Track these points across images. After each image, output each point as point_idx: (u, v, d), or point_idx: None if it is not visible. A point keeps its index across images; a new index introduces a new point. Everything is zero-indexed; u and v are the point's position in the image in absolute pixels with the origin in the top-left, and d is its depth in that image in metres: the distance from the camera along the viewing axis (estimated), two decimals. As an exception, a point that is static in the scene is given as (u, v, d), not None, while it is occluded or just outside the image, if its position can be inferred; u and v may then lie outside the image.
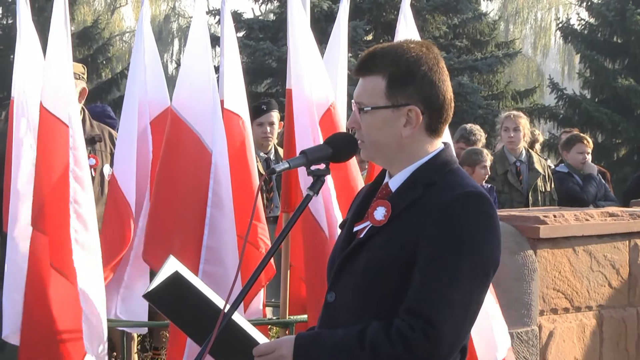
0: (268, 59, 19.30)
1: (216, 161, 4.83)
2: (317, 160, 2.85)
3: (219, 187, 4.81)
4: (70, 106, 4.83)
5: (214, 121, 4.87)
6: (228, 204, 4.82)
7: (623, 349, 5.92)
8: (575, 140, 8.86)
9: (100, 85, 21.91)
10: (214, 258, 4.75)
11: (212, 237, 4.77)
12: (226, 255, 4.76)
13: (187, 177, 4.90)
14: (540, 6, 41.67)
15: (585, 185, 8.58)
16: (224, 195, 4.81)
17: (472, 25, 21.85)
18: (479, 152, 8.06)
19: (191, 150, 4.91)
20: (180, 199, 4.89)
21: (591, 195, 8.53)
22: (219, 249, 4.76)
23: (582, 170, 8.70)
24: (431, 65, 2.83)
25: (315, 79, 4.92)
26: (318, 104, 4.90)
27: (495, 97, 21.71)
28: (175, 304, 2.95)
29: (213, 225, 4.78)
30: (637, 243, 5.95)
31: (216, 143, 4.87)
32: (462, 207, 2.72)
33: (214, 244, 4.76)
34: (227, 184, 4.85)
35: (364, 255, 2.79)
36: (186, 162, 4.92)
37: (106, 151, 6.24)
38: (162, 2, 40.99)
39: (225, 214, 4.80)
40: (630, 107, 20.92)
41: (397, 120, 2.82)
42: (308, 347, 2.76)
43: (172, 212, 4.89)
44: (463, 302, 2.68)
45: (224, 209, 4.80)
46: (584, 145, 8.75)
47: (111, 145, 6.28)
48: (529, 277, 5.36)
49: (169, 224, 4.88)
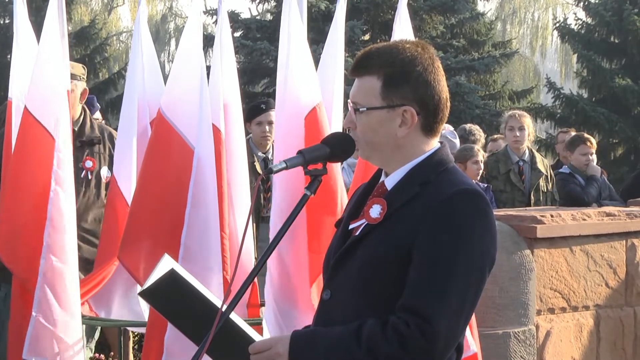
0: (265, 58, 19.30)
1: (198, 160, 4.80)
2: (314, 160, 2.85)
3: (198, 186, 4.78)
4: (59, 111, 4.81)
5: (199, 121, 4.84)
6: (208, 203, 4.78)
7: (620, 349, 5.93)
8: (579, 142, 8.83)
9: (98, 85, 21.89)
10: (191, 257, 4.73)
11: (190, 236, 4.75)
12: (204, 255, 4.72)
13: (168, 177, 4.89)
14: (537, 6, 41.67)
15: (587, 187, 8.57)
16: (203, 195, 4.77)
17: (469, 25, 21.88)
18: (469, 148, 8.10)
19: (175, 152, 4.89)
20: (159, 199, 4.87)
21: (592, 197, 8.52)
22: (196, 248, 4.74)
23: (585, 172, 8.68)
24: (426, 65, 2.84)
25: (301, 79, 4.93)
26: (304, 104, 4.91)
27: (492, 97, 21.73)
28: (171, 301, 2.96)
29: (191, 225, 4.76)
30: (634, 243, 5.96)
31: (200, 142, 4.85)
32: (458, 205, 2.73)
33: (191, 243, 4.74)
34: (208, 183, 4.80)
35: (359, 253, 2.80)
36: (170, 163, 4.91)
37: (105, 153, 6.23)
38: (159, 2, 40.99)
39: (204, 214, 4.77)
40: (627, 107, 20.95)
41: (392, 121, 2.82)
42: (304, 344, 2.76)
43: (151, 213, 4.88)
44: (459, 298, 2.69)
45: (202, 209, 4.77)
46: (588, 146, 8.72)
47: (110, 146, 6.27)
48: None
49: (146, 225, 4.87)
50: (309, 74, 4.96)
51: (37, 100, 4.87)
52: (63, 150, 4.83)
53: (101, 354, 6.40)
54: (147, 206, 4.89)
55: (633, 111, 21.19)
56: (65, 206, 4.80)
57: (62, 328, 4.75)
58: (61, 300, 4.76)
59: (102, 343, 6.65)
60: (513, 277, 5.32)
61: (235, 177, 5.09)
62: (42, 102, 4.86)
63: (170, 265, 2.92)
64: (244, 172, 5.20)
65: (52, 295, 4.74)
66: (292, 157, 2.83)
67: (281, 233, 2.85)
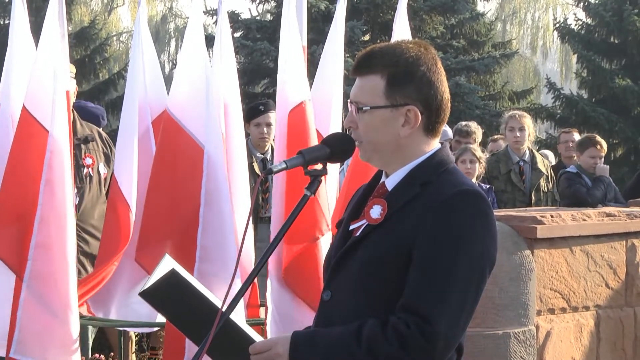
0: (265, 59, 19.28)
1: (208, 159, 4.82)
2: (314, 160, 2.84)
3: (210, 184, 4.80)
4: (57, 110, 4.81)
5: (207, 120, 4.86)
6: (221, 202, 4.80)
7: (620, 349, 5.93)
8: (589, 144, 8.77)
9: (98, 86, 21.88)
10: (208, 256, 4.75)
11: (206, 236, 4.77)
12: (221, 254, 4.75)
13: (181, 178, 4.90)
14: (537, 6, 41.67)
15: (593, 188, 8.53)
16: (216, 193, 4.80)
17: (469, 25, 21.87)
18: (463, 148, 8.04)
19: (185, 151, 4.91)
20: (173, 200, 4.89)
21: (597, 198, 8.47)
22: (213, 247, 4.76)
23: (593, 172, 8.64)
24: (430, 66, 2.84)
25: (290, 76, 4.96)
26: (291, 100, 4.94)
27: (492, 97, 21.72)
28: (172, 301, 2.96)
29: (206, 224, 4.78)
30: (634, 243, 5.95)
31: (209, 141, 4.86)
32: (458, 205, 2.73)
33: (207, 242, 4.77)
34: (220, 181, 4.83)
35: (359, 253, 2.80)
36: (180, 163, 4.92)
37: (99, 150, 6.25)
38: (159, 3, 41.00)
39: (218, 211, 4.79)
40: (627, 107, 20.94)
41: (395, 120, 2.82)
42: (304, 344, 2.76)
43: (165, 214, 4.89)
44: (459, 299, 2.69)
45: (215, 206, 4.79)
46: (597, 150, 8.65)
47: (102, 144, 6.29)
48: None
49: (162, 226, 4.89)
50: (298, 72, 4.99)
51: (35, 100, 4.87)
52: (62, 149, 4.81)
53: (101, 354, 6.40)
54: (160, 207, 4.91)
55: (633, 111, 21.18)
56: (58, 204, 4.76)
57: (50, 329, 4.72)
58: (50, 301, 4.72)
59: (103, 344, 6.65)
60: (513, 277, 5.32)
61: (235, 178, 5.10)
62: (41, 101, 4.85)
63: (170, 266, 2.92)
64: (244, 173, 5.21)
65: (40, 294, 4.71)
66: (292, 157, 2.83)
67: (281, 233, 2.86)
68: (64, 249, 4.74)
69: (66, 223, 4.76)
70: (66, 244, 4.75)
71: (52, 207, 4.73)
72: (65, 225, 4.75)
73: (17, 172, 4.85)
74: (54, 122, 4.78)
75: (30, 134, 4.84)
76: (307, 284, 4.88)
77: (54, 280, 4.72)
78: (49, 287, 4.71)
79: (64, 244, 4.75)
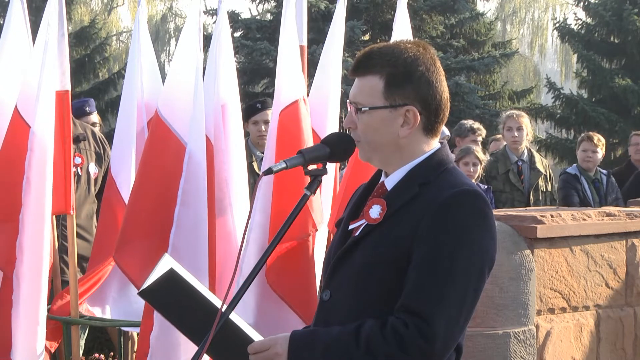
0: (265, 59, 19.29)
1: (189, 159, 4.79)
2: (314, 160, 2.84)
3: (188, 184, 4.77)
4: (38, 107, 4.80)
5: (191, 120, 4.83)
6: (198, 202, 4.76)
7: (620, 349, 5.92)
8: (583, 138, 8.76)
9: (97, 85, 21.88)
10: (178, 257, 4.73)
11: (178, 236, 4.74)
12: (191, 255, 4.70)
13: (166, 178, 4.88)
14: (537, 6, 41.68)
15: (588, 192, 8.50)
16: (194, 193, 4.76)
17: (469, 25, 21.86)
18: (466, 148, 8.02)
19: (172, 152, 4.89)
20: (155, 200, 4.86)
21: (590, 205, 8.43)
22: (184, 247, 4.72)
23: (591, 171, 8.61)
24: (428, 66, 2.84)
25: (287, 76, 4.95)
26: (283, 99, 4.93)
27: (492, 97, 21.72)
28: (170, 301, 2.95)
29: (179, 224, 4.75)
30: (634, 243, 5.95)
31: (191, 139, 4.83)
32: (457, 205, 2.73)
33: (179, 242, 4.73)
34: (199, 182, 4.78)
35: (359, 253, 2.79)
36: (167, 163, 4.90)
37: (90, 150, 6.23)
38: (159, 2, 40.99)
39: (194, 212, 4.75)
40: (627, 107, 20.94)
41: (394, 120, 2.82)
42: (303, 344, 2.76)
43: (146, 214, 4.87)
44: (458, 299, 2.68)
45: (191, 207, 4.75)
46: (590, 144, 8.59)
47: (95, 143, 6.27)
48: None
49: (141, 225, 4.86)
50: (294, 70, 4.98)
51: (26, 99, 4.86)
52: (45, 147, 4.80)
53: (101, 354, 6.40)
54: (142, 206, 4.88)
55: (633, 111, 21.18)
56: (35, 202, 4.75)
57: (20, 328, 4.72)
58: (21, 300, 4.72)
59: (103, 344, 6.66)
60: (513, 277, 5.31)
61: (234, 177, 5.09)
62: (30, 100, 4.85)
63: (169, 265, 2.92)
64: (243, 172, 5.20)
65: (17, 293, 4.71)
66: (292, 157, 2.83)
67: (281, 233, 2.85)
68: (39, 248, 4.73)
69: (43, 222, 4.74)
70: (42, 244, 4.73)
71: (27, 206, 4.72)
72: (41, 224, 4.74)
73: (4, 170, 4.86)
74: (36, 118, 4.77)
75: (18, 133, 4.83)
76: (290, 282, 4.86)
77: (28, 279, 4.72)
78: (21, 288, 4.72)
79: (39, 243, 4.73)
